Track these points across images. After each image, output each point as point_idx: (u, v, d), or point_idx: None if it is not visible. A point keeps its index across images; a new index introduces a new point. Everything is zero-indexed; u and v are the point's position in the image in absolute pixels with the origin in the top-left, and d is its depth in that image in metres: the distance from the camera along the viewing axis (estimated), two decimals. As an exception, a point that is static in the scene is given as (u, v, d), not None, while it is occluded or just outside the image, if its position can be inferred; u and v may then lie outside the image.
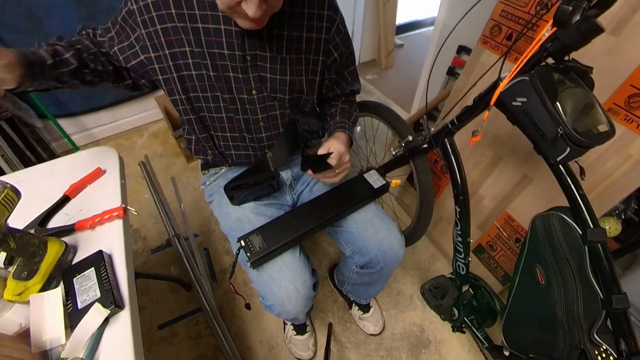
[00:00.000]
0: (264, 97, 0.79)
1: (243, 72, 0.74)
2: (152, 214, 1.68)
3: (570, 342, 0.73)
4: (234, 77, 0.75)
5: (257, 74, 0.75)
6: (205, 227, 1.66)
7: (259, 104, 0.80)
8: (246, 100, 0.79)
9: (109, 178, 0.81)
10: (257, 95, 0.78)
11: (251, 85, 0.76)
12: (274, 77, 0.77)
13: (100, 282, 0.58)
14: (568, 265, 0.70)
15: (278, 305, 0.81)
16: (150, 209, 1.68)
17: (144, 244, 1.58)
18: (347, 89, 0.94)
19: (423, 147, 0.97)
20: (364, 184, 0.92)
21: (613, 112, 0.80)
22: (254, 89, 0.77)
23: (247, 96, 0.78)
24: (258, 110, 0.81)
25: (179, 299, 1.38)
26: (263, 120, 0.83)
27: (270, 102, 0.81)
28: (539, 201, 1.02)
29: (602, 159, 0.84)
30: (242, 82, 0.75)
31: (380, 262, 0.91)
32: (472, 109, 0.76)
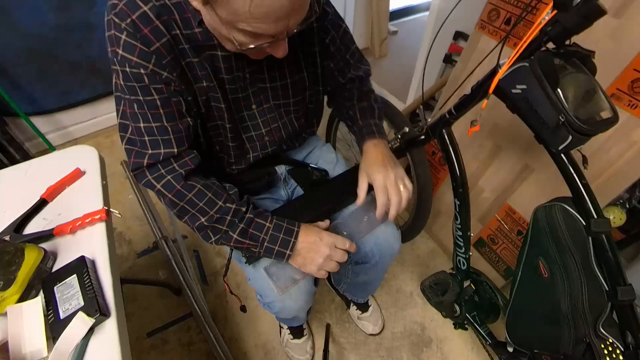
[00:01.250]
0: (264, 109, 0.78)
1: (243, 90, 0.73)
2: (137, 216, 1.66)
3: (576, 336, 0.74)
4: (234, 99, 0.73)
5: (257, 88, 0.74)
6: (194, 228, 1.65)
7: (260, 118, 0.79)
8: (246, 117, 0.78)
9: (89, 179, 0.80)
10: (258, 109, 0.77)
11: (251, 101, 0.75)
12: (274, 84, 0.76)
13: (84, 290, 0.57)
14: (572, 257, 0.71)
15: (278, 302, 0.81)
16: (134, 210, 1.67)
17: (129, 247, 1.56)
18: (351, 74, 0.87)
19: (420, 138, 0.97)
20: None
21: (616, 98, 0.80)
22: (253, 104, 0.76)
23: (247, 112, 0.77)
24: (260, 124, 0.80)
25: (168, 305, 1.37)
26: (267, 133, 0.82)
27: (271, 113, 0.80)
28: (540, 192, 1.03)
29: (606, 146, 0.85)
30: (241, 100, 0.74)
31: (375, 256, 0.92)
32: (470, 98, 0.76)
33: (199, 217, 0.68)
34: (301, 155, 1.01)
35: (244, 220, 0.69)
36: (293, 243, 0.70)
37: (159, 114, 0.64)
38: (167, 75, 0.61)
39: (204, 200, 0.67)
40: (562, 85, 0.58)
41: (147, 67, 0.59)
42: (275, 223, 0.70)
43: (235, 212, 0.68)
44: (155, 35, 0.58)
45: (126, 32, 0.57)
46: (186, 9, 0.59)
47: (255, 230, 0.69)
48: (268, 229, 0.70)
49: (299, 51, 0.75)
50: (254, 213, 0.70)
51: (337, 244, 0.72)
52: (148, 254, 1.52)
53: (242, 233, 0.69)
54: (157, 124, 0.64)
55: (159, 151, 0.65)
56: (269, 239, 0.70)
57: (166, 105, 0.64)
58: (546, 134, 0.64)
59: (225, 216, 0.68)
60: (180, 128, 0.66)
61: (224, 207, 0.68)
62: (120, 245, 1.57)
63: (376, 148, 0.79)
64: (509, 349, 0.94)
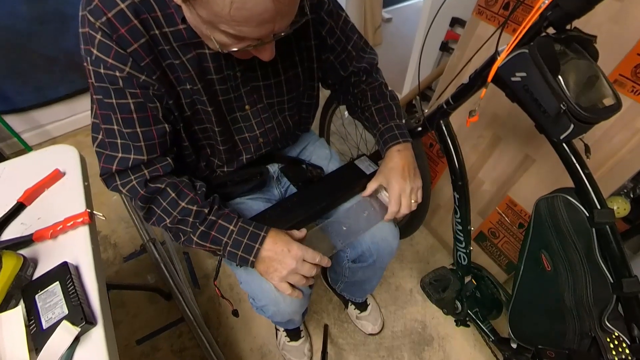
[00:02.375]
0: (258, 109, 0.77)
1: (235, 90, 0.71)
2: (122, 218, 1.65)
3: (580, 331, 0.75)
4: (225, 100, 0.72)
5: (249, 87, 0.73)
6: (183, 229, 1.64)
7: (254, 119, 0.78)
8: (239, 119, 0.76)
9: (69, 180, 0.79)
10: (251, 110, 0.76)
11: (243, 101, 0.74)
12: (267, 82, 0.74)
13: (67, 297, 0.57)
14: (575, 250, 0.72)
15: (271, 305, 0.81)
16: (120, 212, 1.65)
17: (115, 251, 1.55)
18: (354, 67, 0.85)
19: (417, 130, 0.97)
20: (355, 171, 0.92)
21: (619, 84, 0.81)
22: (246, 104, 0.75)
23: (239, 113, 0.76)
24: (254, 125, 0.79)
25: (158, 310, 1.36)
26: (261, 134, 0.81)
27: (265, 113, 0.79)
28: (542, 183, 1.04)
29: (609, 134, 0.85)
30: (233, 101, 0.73)
31: (373, 254, 0.92)
32: (468, 87, 0.76)
33: (164, 218, 0.68)
34: (294, 152, 1.01)
35: (205, 222, 0.67)
36: (257, 250, 0.67)
37: (132, 119, 0.63)
38: (145, 79, 0.60)
39: (167, 200, 0.67)
40: (563, 72, 0.58)
41: (123, 70, 0.58)
42: (240, 226, 0.68)
43: (197, 213, 0.67)
44: (133, 35, 0.57)
45: (101, 32, 0.55)
46: (169, 4, 0.58)
47: (218, 233, 0.68)
48: (232, 233, 0.68)
49: (294, 45, 0.74)
50: (217, 215, 0.68)
51: (306, 257, 0.68)
52: (135, 257, 1.51)
53: (202, 236, 0.68)
54: (129, 130, 0.63)
55: (128, 156, 0.64)
56: (232, 243, 0.68)
57: (140, 110, 0.63)
58: (547, 123, 0.64)
59: (187, 218, 0.67)
60: (153, 135, 0.65)
61: (185, 208, 0.67)
62: (106, 249, 1.55)
63: (400, 154, 0.79)
64: (512, 346, 0.96)
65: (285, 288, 0.69)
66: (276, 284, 0.69)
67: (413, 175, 0.79)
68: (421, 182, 0.80)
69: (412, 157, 0.80)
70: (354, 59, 0.84)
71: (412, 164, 0.80)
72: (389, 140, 0.80)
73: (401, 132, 0.81)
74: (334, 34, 0.78)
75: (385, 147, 0.81)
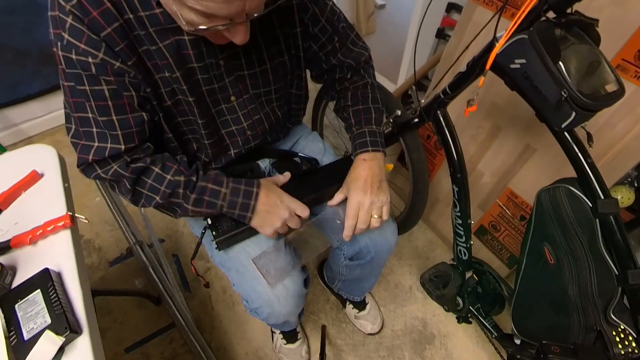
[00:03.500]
0: (244, 100, 0.77)
1: (218, 80, 0.71)
2: (106, 220, 1.63)
3: (585, 324, 0.76)
4: (209, 90, 0.71)
5: (234, 76, 0.72)
6: (172, 229, 1.63)
7: (240, 111, 0.77)
8: (225, 111, 0.76)
9: (48, 182, 0.78)
10: (237, 101, 0.76)
11: (229, 92, 0.74)
12: (252, 71, 0.74)
13: (50, 306, 0.56)
14: (579, 242, 0.73)
15: (266, 307, 0.81)
16: (103, 214, 1.63)
17: (99, 256, 1.53)
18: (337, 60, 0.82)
19: (413, 121, 0.97)
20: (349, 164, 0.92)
21: (622, 69, 0.81)
22: (232, 95, 0.74)
23: (225, 105, 0.75)
24: (241, 117, 0.78)
25: (147, 316, 1.36)
26: (249, 127, 0.81)
27: (252, 104, 0.78)
28: (543, 174, 1.05)
29: (611, 122, 0.86)
30: (218, 91, 0.72)
31: (370, 251, 0.92)
32: (466, 76, 0.76)
33: (153, 196, 0.69)
34: (285, 146, 1.00)
35: (195, 189, 0.70)
36: (253, 206, 0.72)
37: (107, 106, 0.62)
38: (119, 66, 0.59)
39: (152, 177, 0.68)
40: (564, 58, 0.59)
41: (97, 56, 0.57)
42: (232, 187, 0.72)
43: (186, 183, 0.70)
44: (106, 19, 0.56)
45: (72, 16, 0.54)
46: None
47: (211, 197, 0.71)
48: (225, 195, 0.71)
49: (278, 32, 0.73)
50: (205, 180, 0.71)
51: (296, 210, 0.75)
52: (121, 261, 1.50)
53: (196, 203, 0.71)
54: (104, 118, 0.63)
55: (105, 145, 0.64)
56: (227, 205, 0.72)
57: (116, 97, 0.62)
58: (548, 111, 0.65)
59: (177, 189, 0.69)
60: (130, 123, 0.65)
61: (173, 181, 0.69)
62: (89, 253, 1.54)
63: (365, 164, 0.77)
64: (516, 341, 0.97)
65: (272, 235, 0.76)
66: (269, 235, 0.76)
67: (377, 188, 0.76)
68: (387, 198, 0.78)
69: (379, 168, 0.78)
70: (340, 51, 0.82)
71: (378, 176, 0.77)
72: (358, 147, 0.79)
73: (373, 139, 0.79)
74: (317, 22, 0.76)
75: (354, 153, 0.80)
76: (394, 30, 2.73)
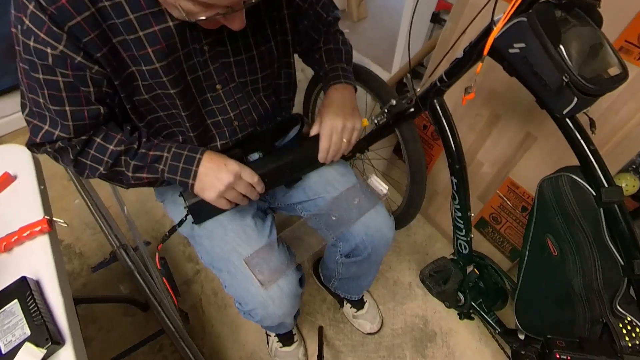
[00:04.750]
0: (230, 89, 0.76)
1: (203, 67, 0.70)
2: (87, 224, 1.62)
3: (591, 317, 0.77)
4: (194, 79, 0.70)
5: (219, 63, 0.72)
6: (158, 231, 1.62)
7: (227, 100, 0.77)
8: (210, 100, 0.75)
9: (22, 185, 0.77)
10: (223, 90, 0.75)
11: (214, 80, 0.73)
12: (239, 58, 0.73)
13: (29, 317, 0.56)
14: (582, 232, 0.73)
15: (260, 309, 0.81)
16: (84, 217, 1.61)
17: (81, 261, 1.52)
18: (323, 25, 0.88)
19: (409, 111, 0.97)
20: None
21: (625, 52, 0.82)
22: (217, 84, 0.74)
23: (210, 94, 0.75)
24: (227, 107, 0.78)
25: (134, 323, 1.35)
26: (236, 117, 0.80)
27: (239, 93, 0.78)
28: (545, 162, 1.06)
29: (615, 107, 0.87)
30: (203, 79, 0.72)
31: (367, 247, 0.92)
32: (463, 62, 0.76)
33: (96, 167, 0.71)
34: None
35: (136, 156, 0.72)
36: (195, 172, 0.72)
37: (61, 97, 0.62)
38: (80, 61, 0.58)
39: (94, 147, 0.70)
40: (565, 41, 0.59)
41: (56, 48, 0.56)
42: (174, 152, 0.73)
43: (127, 151, 0.71)
44: (76, 6, 0.54)
45: (34, 3, 0.53)
46: None
47: (152, 162, 0.72)
48: (166, 159, 0.73)
49: (264, 17, 0.73)
50: (147, 147, 0.72)
51: (243, 174, 0.74)
52: (105, 266, 1.48)
53: (137, 169, 0.72)
54: (56, 108, 0.63)
55: (53, 131, 0.66)
56: (168, 170, 0.73)
57: (71, 90, 0.62)
58: (549, 98, 0.65)
59: (120, 158, 0.71)
60: (84, 116, 0.65)
61: (114, 151, 0.70)
62: (70, 259, 1.52)
63: (338, 92, 0.84)
64: (520, 337, 0.98)
65: (224, 204, 0.74)
66: (214, 201, 0.74)
67: (350, 114, 0.82)
68: (360, 125, 0.83)
69: (351, 96, 0.85)
70: (324, 20, 0.88)
71: (350, 103, 0.84)
72: (331, 79, 0.85)
73: (345, 74, 0.86)
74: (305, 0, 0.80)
75: (327, 85, 0.86)
76: (387, 16, 2.72)
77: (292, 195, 0.97)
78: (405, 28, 1.88)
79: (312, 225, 0.90)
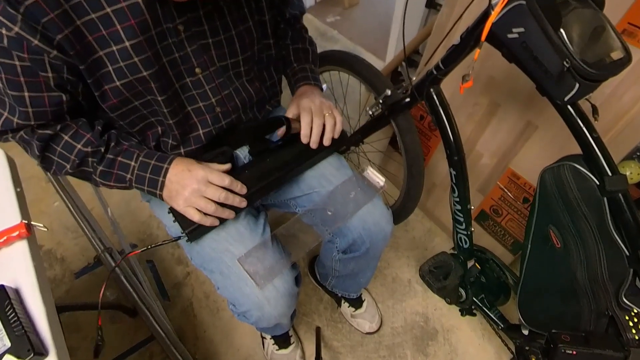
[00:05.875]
0: (210, 73, 0.76)
1: (179, 48, 0.69)
2: (68, 227, 1.60)
3: (596, 310, 0.78)
4: (170, 62, 0.69)
5: (197, 45, 0.71)
6: (144, 233, 1.61)
7: (207, 85, 0.77)
8: (190, 85, 0.75)
9: (-3, 188, 0.75)
10: (203, 74, 0.75)
11: (192, 63, 0.72)
12: (217, 39, 0.73)
13: (9, 327, 0.55)
14: (586, 222, 0.74)
15: (255, 310, 0.81)
16: (64, 220, 1.60)
17: (63, 267, 1.51)
18: (289, 13, 0.90)
19: (405, 101, 0.97)
20: None
21: (628, 35, 0.82)
22: (196, 67, 0.73)
23: (189, 79, 0.74)
24: (209, 92, 0.77)
25: (122, 330, 1.34)
26: (218, 103, 0.80)
27: (220, 77, 0.77)
28: (546, 152, 1.06)
29: (618, 92, 0.87)
30: (180, 62, 0.71)
31: (365, 242, 0.93)
32: (460, 49, 0.76)
33: (63, 164, 0.72)
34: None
35: (104, 161, 0.72)
36: (162, 182, 0.73)
37: (19, 82, 0.61)
38: (37, 44, 0.57)
39: (62, 144, 0.71)
40: (566, 25, 0.59)
41: (11, 29, 0.55)
42: (142, 161, 0.74)
43: (94, 154, 0.72)
44: None
45: None
46: None
47: (120, 170, 0.74)
48: (133, 169, 0.74)
49: None
50: (115, 152, 0.73)
51: (210, 178, 0.73)
52: (89, 272, 1.47)
53: (104, 176, 0.74)
54: (15, 93, 0.63)
55: (12, 118, 0.65)
56: (135, 180, 0.74)
57: (29, 75, 0.61)
58: (550, 84, 0.65)
59: (87, 158, 0.72)
60: (44, 102, 0.65)
61: (81, 151, 0.71)
62: (52, 265, 1.51)
63: (309, 89, 0.89)
64: (524, 332, 0.99)
65: (192, 214, 0.73)
66: (182, 210, 0.74)
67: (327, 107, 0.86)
68: (340, 117, 0.87)
69: (321, 96, 0.89)
70: (290, 4, 0.90)
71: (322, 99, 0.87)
72: (301, 79, 0.91)
73: (314, 75, 0.93)
74: None
75: (296, 85, 0.92)
76: (380, 1, 2.71)
77: (285, 190, 0.96)
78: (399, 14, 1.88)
79: (307, 221, 0.90)
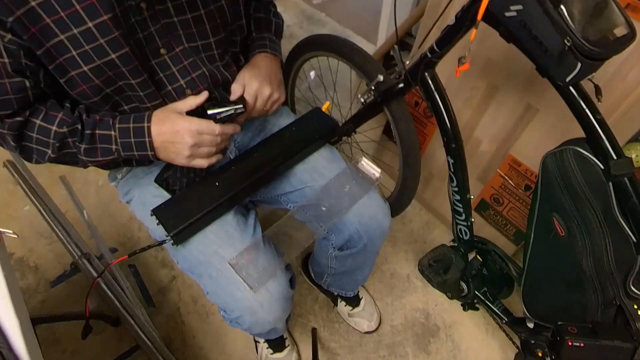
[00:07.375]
0: (177, 54, 0.75)
1: (143, 28, 0.68)
2: (41, 233, 1.58)
3: (603, 300, 0.79)
4: (135, 42, 0.68)
5: (160, 24, 0.70)
6: (125, 236, 1.60)
7: (175, 66, 0.76)
8: (157, 67, 0.74)
9: (-39, 193, 0.73)
10: (169, 55, 0.74)
11: (157, 43, 0.72)
12: (183, 18, 0.72)
13: (-21, 344, 0.54)
14: (591, 209, 0.75)
15: (248, 316, 0.81)
16: (36, 225, 1.58)
17: (37, 276, 1.49)
18: None
19: (398, 87, 0.96)
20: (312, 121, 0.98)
21: (632, 9, 0.82)
22: (161, 47, 0.73)
23: (155, 60, 0.73)
24: (177, 74, 0.76)
25: (104, 340, 1.33)
26: (189, 85, 0.79)
27: (189, 58, 0.76)
28: (548, 136, 1.07)
29: (622, 71, 0.87)
30: (144, 42, 0.70)
31: (362, 237, 0.93)
32: (455, 29, 0.75)
33: (45, 150, 0.72)
34: (252, 124, 0.98)
35: (84, 138, 0.73)
36: (150, 142, 0.74)
37: None
38: None
39: (36, 130, 0.71)
40: (566, 1, 0.59)
41: None
42: (120, 128, 0.74)
43: (72, 133, 0.72)
44: None
45: None
46: None
47: (102, 144, 0.74)
48: (116, 138, 0.74)
49: None
50: (91, 126, 0.73)
51: (201, 129, 0.75)
52: (65, 280, 1.46)
53: (89, 152, 0.74)
54: None
55: None
56: (122, 149, 0.75)
57: None
58: (550, 64, 0.65)
59: (66, 140, 0.72)
60: (6, 89, 0.65)
61: (58, 132, 0.71)
62: (24, 274, 1.49)
63: (265, 59, 0.88)
64: (529, 325, 1.00)
65: (201, 163, 0.78)
66: (188, 165, 0.78)
67: (277, 85, 0.87)
68: (283, 98, 0.89)
69: (278, 68, 0.91)
70: None
71: (277, 75, 0.89)
72: (257, 47, 0.90)
73: (272, 45, 0.92)
74: None
75: (252, 53, 0.91)
76: (368, -19, 2.69)
77: (275, 186, 0.96)
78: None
79: (301, 218, 0.90)
